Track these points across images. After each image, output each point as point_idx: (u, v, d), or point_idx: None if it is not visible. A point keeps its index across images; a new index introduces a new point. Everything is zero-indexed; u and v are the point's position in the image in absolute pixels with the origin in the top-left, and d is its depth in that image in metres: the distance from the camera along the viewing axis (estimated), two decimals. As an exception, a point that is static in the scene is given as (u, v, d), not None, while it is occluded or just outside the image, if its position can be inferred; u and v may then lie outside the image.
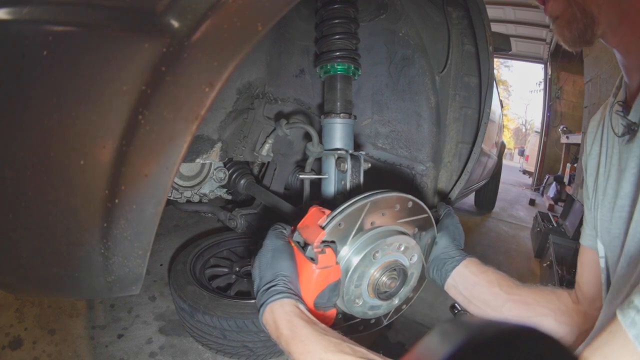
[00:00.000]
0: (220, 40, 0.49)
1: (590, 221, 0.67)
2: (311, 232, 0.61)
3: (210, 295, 1.27)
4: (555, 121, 7.28)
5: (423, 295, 1.99)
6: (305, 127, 0.89)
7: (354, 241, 0.63)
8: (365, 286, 0.63)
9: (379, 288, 0.64)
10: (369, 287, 0.64)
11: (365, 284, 0.63)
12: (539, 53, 7.37)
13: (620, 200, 0.56)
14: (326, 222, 0.60)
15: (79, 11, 0.46)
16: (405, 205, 0.68)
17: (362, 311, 0.66)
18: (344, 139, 0.95)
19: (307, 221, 0.63)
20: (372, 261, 0.63)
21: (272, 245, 0.62)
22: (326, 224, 0.60)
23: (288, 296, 0.56)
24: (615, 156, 0.60)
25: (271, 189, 1.37)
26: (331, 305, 0.63)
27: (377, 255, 0.62)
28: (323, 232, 0.59)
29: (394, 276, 0.65)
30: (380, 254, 0.63)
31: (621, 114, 0.57)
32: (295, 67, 1.25)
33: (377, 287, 0.64)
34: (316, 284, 0.59)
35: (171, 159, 0.50)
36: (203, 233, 2.31)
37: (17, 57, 0.45)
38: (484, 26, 1.00)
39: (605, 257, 0.63)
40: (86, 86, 0.47)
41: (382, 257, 0.63)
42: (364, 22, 1.13)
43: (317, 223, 0.61)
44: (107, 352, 1.26)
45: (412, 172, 1.20)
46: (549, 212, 3.60)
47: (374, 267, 0.63)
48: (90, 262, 0.54)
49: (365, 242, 0.63)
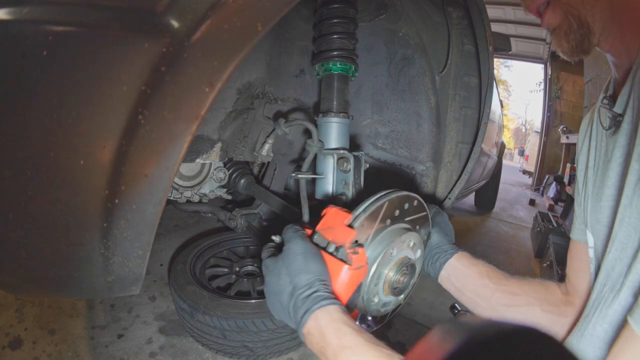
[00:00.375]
0: (220, 40, 0.49)
1: (580, 215, 0.70)
2: (339, 233, 0.60)
3: (210, 295, 1.27)
4: (555, 121, 7.28)
5: (423, 295, 1.99)
6: (304, 123, 0.89)
7: (373, 239, 0.63)
8: (382, 283, 0.64)
9: (394, 284, 0.65)
10: (385, 284, 0.65)
11: (382, 282, 0.64)
12: (539, 53, 7.38)
13: (608, 190, 0.59)
14: (355, 222, 0.60)
15: (79, 11, 0.46)
16: (412, 204, 0.70)
17: (377, 309, 0.66)
18: (341, 139, 0.94)
19: (330, 222, 0.62)
20: (389, 259, 0.64)
21: (300, 248, 0.57)
22: (356, 224, 0.60)
23: (333, 302, 0.52)
24: (602, 149, 0.63)
25: (271, 189, 1.38)
26: (354, 306, 0.63)
27: (392, 252, 0.63)
28: (354, 232, 0.59)
29: (405, 272, 0.66)
30: (395, 251, 0.64)
31: (607, 107, 0.60)
32: (295, 67, 1.25)
33: (392, 284, 0.65)
34: (349, 286, 0.59)
35: (171, 159, 0.50)
36: (203, 233, 2.31)
37: (17, 57, 0.45)
38: (484, 26, 1.00)
39: (594, 247, 0.65)
40: (86, 86, 0.47)
41: (396, 254, 0.64)
42: (364, 22, 1.13)
43: (344, 223, 0.60)
44: (107, 352, 1.26)
45: (412, 172, 1.20)
46: (549, 212, 3.60)
47: (391, 264, 0.64)
48: (90, 262, 0.54)
49: (384, 240, 0.64)
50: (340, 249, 0.59)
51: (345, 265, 0.57)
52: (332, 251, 0.59)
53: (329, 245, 0.60)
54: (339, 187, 0.89)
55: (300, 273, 0.55)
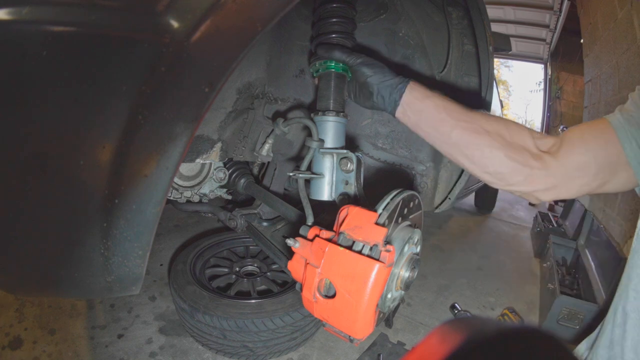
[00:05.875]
0: (220, 40, 0.49)
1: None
2: (370, 232, 0.60)
3: (210, 295, 1.27)
4: (555, 121, 7.28)
5: (423, 295, 2.00)
6: (302, 121, 0.88)
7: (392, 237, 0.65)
8: (395, 279, 0.65)
9: (406, 280, 0.66)
10: (398, 280, 0.66)
11: (396, 277, 0.65)
12: (539, 53, 7.38)
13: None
14: (383, 220, 0.61)
15: (79, 11, 0.46)
16: (415, 202, 0.72)
17: (389, 305, 0.67)
18: (338, 138, 0.94)
19: (354, 222, 0.62)
20: (403, 255, 0.65)
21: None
22: (384, 222, 0.61)
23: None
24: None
25: (271, 189, 1.37)
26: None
27: (405, 249, 0.65)
28: (385, 230, 0.59)
29: (414, 267, 0.67)
30: (406, 248, 0.65)
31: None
32: (295, 67, 1.25)
33: (404, 280, 0.66)
34: (383, 285, 0.59)
35: (171, 159, 0.50)
36: (203, 233, 2.31)
37: (17, 57, 0.45)
38: (484, 26, 1.00)
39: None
40: (86, 86, 0.47)
41: (407, 250, 0.66)
42: (364, 22, 1.13)
43: (371, 222, 0.61)
44: (107, 352, 1.26)
45: (413, 172, 1.20)
46: (549, 212, 3.60)
47: (403, 260, 0.65)
48: (90, 262, 0.54)
49: (401, 237, 0.65)
50: (374, 248, 0.59)
51: (378, 264, 0.57)
52: (368, 252, 0.59)
53: (357, 244, 0.60)
54: (339, 187, 0.88)
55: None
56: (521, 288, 2.23)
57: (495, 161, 0.64)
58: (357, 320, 0.58)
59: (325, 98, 0.95)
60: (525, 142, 0.63)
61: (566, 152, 0.60)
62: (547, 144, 0.63)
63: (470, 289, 2.15)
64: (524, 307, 2.00)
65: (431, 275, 2.24)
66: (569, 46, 6.38)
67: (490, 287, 2.19)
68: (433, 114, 0.69)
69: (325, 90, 0.95)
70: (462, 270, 2.37)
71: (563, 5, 5.56)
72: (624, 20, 2.39)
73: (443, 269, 2.36)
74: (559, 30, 6.18)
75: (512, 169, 0.63)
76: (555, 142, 0.63)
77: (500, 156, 0.63)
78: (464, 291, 2.11)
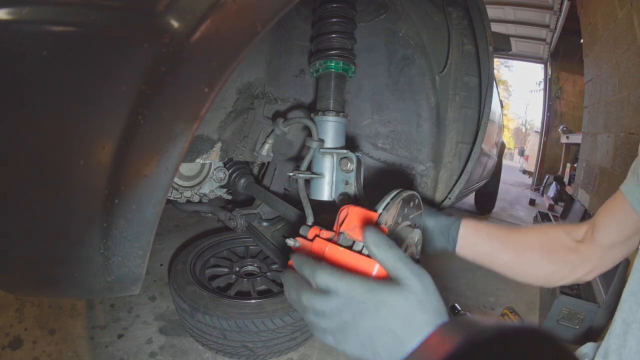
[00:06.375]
0: (219, 40, 0.49)
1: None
2: None
3: (211, 295, 1.27)
4: (555, 121, 7.28)
5: (423, 295, 1.99)
6: (302, 121, 0.88)
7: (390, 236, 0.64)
8: None
9: None
10: None
11: None
12: (539, 53, 7.38)
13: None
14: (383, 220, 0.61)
15: (79, 11, 0.46)
16: (415, 202, 0.72)
17: None
18: (338, 138, 0.94)
19: (354, 222, 0.62)
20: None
21: (375, 297, 0.42)
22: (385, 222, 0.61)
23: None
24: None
25: (271, 189, 1.37)
26: None
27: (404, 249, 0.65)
28: (386, 230, 0.60)
29: None
30: (403, 247, 0.65)
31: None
32: (295, 67, 1.25)
33: None
34: None
35: (171, 159, 0.50)
36: (203, 233, 2.31)
37: (17, 57, 0.45)
38: (484, 26, 1.00)
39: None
40: (86, 86, 0.47)
41: (407, 250, 0.66)
42: (364, 22, 1.13)
43: (371, 222, 0.60)
44: (107, 352, 1.26)
45: (412, 172, 1.20)
46: (549, 212, 3.61)
47: None
48: (90, 262, 0.54)
49: (399, 238, 0.65)
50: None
51: (378, 264, 0.57)
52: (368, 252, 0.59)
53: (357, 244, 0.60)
54: (339, 187, 0.88)
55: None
56: (521, 288, 2.23)
57: (540, 270, 0.75)
58: None
59: (325, 98, 0.95)
60: (562, 240, 0.74)
61: (598, 236, 0.70)
62: (580, 233, 0.73)
63: (470, 289, 2.15)
64: (524, 307, 2.00)
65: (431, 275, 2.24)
66: (569, 46, 6.38)
67: (490, 287, 2.19)
68: (485, 245, 0.79)
69: (325, 90, 0.95)
70: (462, 270, 2.37)
71: (563, 5, 5.56)
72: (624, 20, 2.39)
73: (443, 269, 2.36)
74: (559, 30, 6.18)
75: (554, 271, 0.73)
76: (587, 228, 0.72)
77: (543, 264, 0.74)
78: (464, 291, 2.11)
